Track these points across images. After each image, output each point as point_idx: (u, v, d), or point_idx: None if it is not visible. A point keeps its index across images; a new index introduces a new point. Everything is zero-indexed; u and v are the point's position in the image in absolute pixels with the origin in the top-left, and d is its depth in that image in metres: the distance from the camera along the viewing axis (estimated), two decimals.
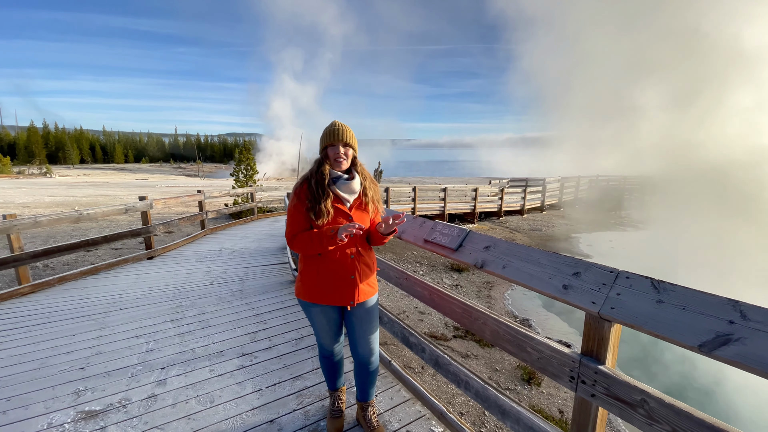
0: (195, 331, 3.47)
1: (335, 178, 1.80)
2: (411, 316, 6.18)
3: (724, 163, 16.88)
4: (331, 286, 1.80)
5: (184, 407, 2.36)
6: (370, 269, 1.91)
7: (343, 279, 1.80)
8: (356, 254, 1.83)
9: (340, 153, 1.77)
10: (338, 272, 1.79)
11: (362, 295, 1.85)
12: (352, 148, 1.82)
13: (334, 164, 1.80)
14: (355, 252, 1.82)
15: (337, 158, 1.77)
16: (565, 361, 1.42)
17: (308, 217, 1.75)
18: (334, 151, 1.77)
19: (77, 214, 5.17)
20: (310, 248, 1.74)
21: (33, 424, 2.20)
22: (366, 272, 1.87)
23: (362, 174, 1.87)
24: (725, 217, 13.04)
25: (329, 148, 1.79)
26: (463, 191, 15.38)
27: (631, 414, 1.20)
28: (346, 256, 1.80)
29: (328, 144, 1.78)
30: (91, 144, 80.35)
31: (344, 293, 1.81)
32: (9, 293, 4.35)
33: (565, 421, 3.96)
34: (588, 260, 1.44)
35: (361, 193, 1.85)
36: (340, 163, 1.78)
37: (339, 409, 2.16)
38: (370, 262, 1.91)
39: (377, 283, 2.00)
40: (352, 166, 1.86)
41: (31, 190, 22.31)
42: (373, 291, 1.92)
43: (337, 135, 1.75)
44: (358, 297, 1.83)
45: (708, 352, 1.02)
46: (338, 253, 1.78)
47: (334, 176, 1.80)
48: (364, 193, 1.86)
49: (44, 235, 9.17)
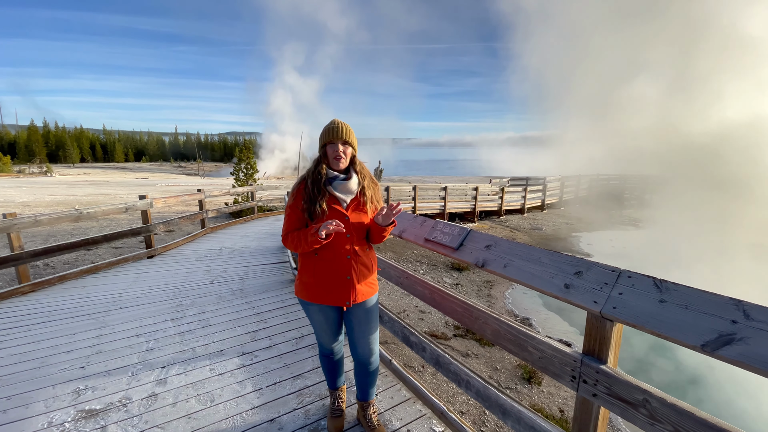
0: (195, 330, 3.47)
1: (332, 178, 1.77)
2: (411, 315, 6.18)
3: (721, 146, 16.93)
4: (327, 286, 1.78)
5: (185, 406, 2.36)
6: (369, 269, 1.88)
7: (339, 279, 1.78)
8: (352, 254, 1.79)
9: (339, 151, 1.74)
10: (334, 272, 1.77)
11: (360, 296, 1.82)
12: (352, 147, 1.79)
13: (332, 162, 1.77)
14: (351, 252, 1.78)
15: (336, 156, 1.74)
16: (566, 361, 1.42)
17: (304, 216, 1.74)
18: (333, 149, 1.74)
19: (77, 213, 5.17)
20: (298, 246, 1.74)
21: (33, 423, 2.20)
22: (364, 272, 1.84)
23: (361, 173, 1.84)
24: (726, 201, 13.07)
25: (328, 146, 1.76)
26: (463, 190, 15.37)
27: (633, 414, 1.20)
28: (342, 256, 1.77)
29: (327, 142, 1.75)
30: (91, 143, 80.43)
31: (340, 293, 1.79)
32: (9, 292, 4.35)
33: (566, 420, 3.96)
34: (589, 259, 1.43)
35: (359, 193, 1.82)
36: (339, 161, 1.75)
37: (339, 408, 2.16)
38: (368, 262, 1.87)
39: (377, 283, 1.98)
40: (351, 165, 1.82)
41: (31, 189, 22.31)
42: (372, 291, 1.89)
43: (336, 133, 1.72)
44: (354, 298, 1.81)
45: (711, 352, 1.01)
46: (333, 252, 1.76)
47: (330, 176, 1.77)
48: (362, 192, 1.82)
49: (44, 233, 9.17)
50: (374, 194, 1.86)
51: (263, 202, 12.71)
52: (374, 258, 1.98)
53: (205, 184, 31.69)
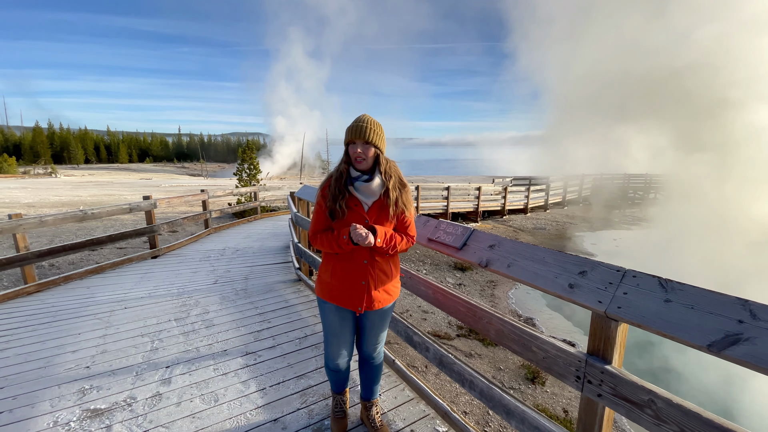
0: (199, 330, 3.48)
1: (354, 178, 1.71)
2: (414, 315, 6.18)
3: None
4: (342, 288, 1.75)
5: (189, 406, 2.36)
6: (388, 276, 1.80)
7: (354, 283, 1.74)
8: (370, 259, 1.73)
9: (359, 152, 1.65)
10: (349, 275, 1.73)
11: (376, 303, 1.77)
12: (375, 147, 1.68)
13: (354, 163, 1.70)
14: (368, 257, 1.73)
15: (356, 158, 1.67)
16: (571, 361, 1.41)
17: (329, 215, 1.71)
18: (354, 149, 1.66)
19: (82, 214, 5.20)
20: (329, 247, 1.71)
21: (39, 423, 2.22)
22: (382, 278, 1.77)
23: (386, 174, 1.72)
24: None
25: (350, 146, 1.69)
26: (466, 190, 15.33)
27: (638, 414, 1.19)
28: (359, 260, 1.72)
29: (348, 141, 1.68)
30: (95, 144, 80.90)
31: (354, 298, 1.75)
32: (15, 292, 4.38)
33: (570, 420, 3.95)
34: (593, 259, 1.42)
35: (382, 195, 1.72)
36: (359, 162, 1.68)
37: (342, 410, 2.15)
38: (387, 269, 1.80)
39: (398, 290, 1.91)
40: (377, 165, 1.72)
41: (36, 190, 22.47)
42: (390, 299, 1.83)
43: (357, 132, 1.64)
44: (369, 304, 1.76)
45: (717, 352, 1.01)
46: (350, 255, 1.72)
47: (354, 175, 1.71)
48: (387, 195, 1.72)
49: (49, 234, 9.23)
50: (401, 197, 1.75)
51: (266, 203, 12.76)
52: (397, 264, 1.90)
53: (209, 184, 31.81)
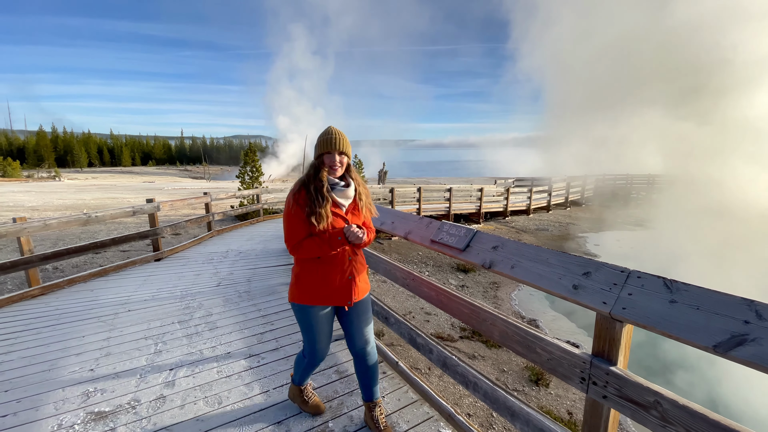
0: (202, 333, 3.49)
1: (332, 185, 1.90)
2: (417, 317, 6.17)
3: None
4: (333, 287, 1.90)
5: (193, 408, 2.37)
6: (363, 267, 2.06)
7: (343, 279, 1.91)
8: (352, 255, 1.95)
9: (336, 161, 1.85)
10: (338, 273, 1.90)
11: (360, 293, 1.98)
12: (347, 156, 1.90)
13: (329, 171, 1.88)
14: (351, 253, 1.94)
15: (333, 166, 1.86)
16: (575, 362, 1.40)
17: (308, 222, 1.80)
18: (330, 159, 1.85)
19: (86, 217, 5.22)
20: (319, 252, 1.82)
21: (43, 425, 2.22)
22: (361, 270, 2.01)
23: (356, 180, 1.99)
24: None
25: (325, 155, 1.86)
26: (468, 191, 15.31)
27: (644, 416, 1.18)
28: (345, 257, 1.91)
29: (324, 152, 1.85)
30: (98, 147, 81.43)
31: (344, 293, 1.92)
32: (19, 295, 4.41)
33: (575, 422, 3.92)
34: (597, 260, 1.42)
35: (355, 198, 1.96)
36: (336, 170, 1.88)
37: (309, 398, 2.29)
38: (363, 260, 2.07)
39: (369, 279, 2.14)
40: (346, 172, 1.95)
41: (40, 193, 22.60)
42: (367, 288, 2.07)
43: (333, 143, 1.83)
44: (356, 296, 1.95)
45: (723, 353, 1.00)
46: (336, 255, 1.88)
47: (331, 183, 1.89)
48: (359, 197, 1.97)
49: (53, 237, 9.28)
50: (367, 198, 2.03)
51: (269, 205, 12.76)
52: (364, 256, 2.15)
53: (211, 187, 31.89)
